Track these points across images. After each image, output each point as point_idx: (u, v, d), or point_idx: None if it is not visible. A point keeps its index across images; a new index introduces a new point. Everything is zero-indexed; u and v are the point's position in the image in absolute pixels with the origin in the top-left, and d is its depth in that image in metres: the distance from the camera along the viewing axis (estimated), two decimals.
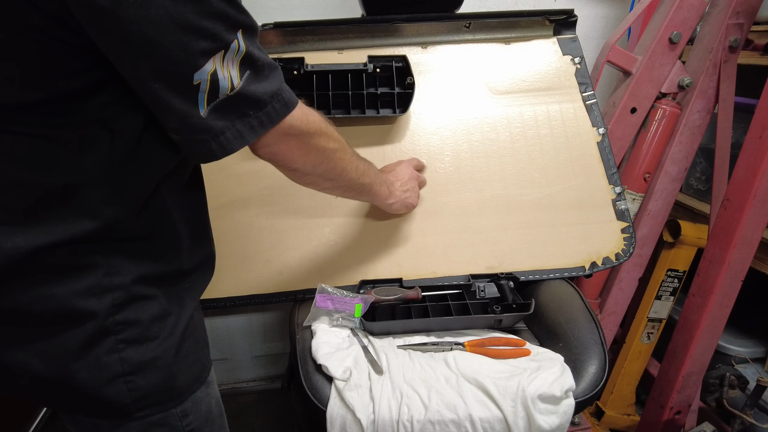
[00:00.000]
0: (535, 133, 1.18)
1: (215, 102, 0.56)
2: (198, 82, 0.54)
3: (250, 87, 0.58)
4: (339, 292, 0.98)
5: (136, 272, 0.62)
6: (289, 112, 0.64)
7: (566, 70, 1.22)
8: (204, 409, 0.73)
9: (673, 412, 1.37)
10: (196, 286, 0.73)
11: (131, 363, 0.63)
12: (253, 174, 1.13)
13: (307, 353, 0.92)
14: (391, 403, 0.83)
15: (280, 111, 0.63)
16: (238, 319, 1.80)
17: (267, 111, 0.61)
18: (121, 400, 0.64)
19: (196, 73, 0.53)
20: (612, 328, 1.52)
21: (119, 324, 0.62)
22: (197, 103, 0.55)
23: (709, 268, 1.23)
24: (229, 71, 0.56)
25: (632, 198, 1.39)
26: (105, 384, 0.62)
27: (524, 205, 1.14)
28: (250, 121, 0.60)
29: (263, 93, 0.60)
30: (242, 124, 0.59)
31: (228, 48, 0.54)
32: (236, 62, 0.56)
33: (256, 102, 0.59)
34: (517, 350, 0.94)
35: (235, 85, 0.56)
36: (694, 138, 1.37)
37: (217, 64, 0.54)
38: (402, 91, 1.15)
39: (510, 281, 1.07)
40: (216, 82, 0.55)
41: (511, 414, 0.81)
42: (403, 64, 1.14)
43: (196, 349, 0.71)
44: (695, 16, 1.28)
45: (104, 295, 0.61)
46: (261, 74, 0.60)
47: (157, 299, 0.65)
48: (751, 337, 1.55)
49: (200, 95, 0.55)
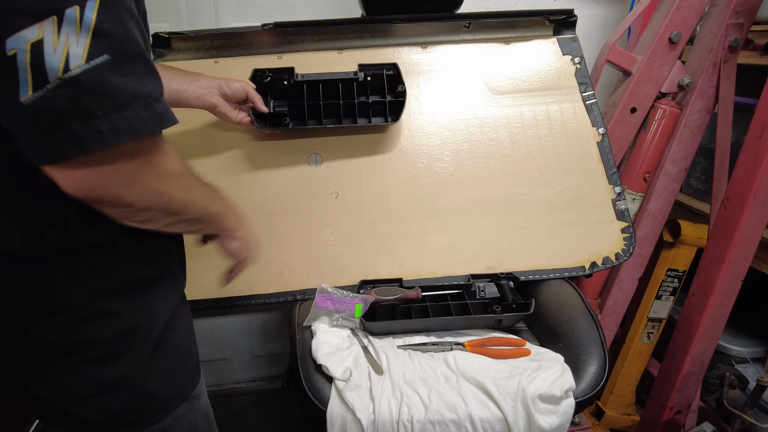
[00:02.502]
0: (535, 133, 1.18)
1: (45, 88, 0.42)
2: (12, 53, 0.41)
3: (101, 76, 0.44)
4: (339, 292, 0.98)
5: (91, 288, 0.57)
6: (159, 129, 0.49)
7: (566, 70, 1.22)
8: (187, 425, 0.68)
9: (673, 412, 1.37)
10: (168, 295, 0.66)
11: (98, 383, 0.59)
12: (252, 174, 1.13)
13: (307, 353, 0.92)
14: (391, 403, 0.83)
15: (148, 122, 0.47)
16: (238, 319, 1.80)
17: (126, 116, 0.45)
18: (91, 420, 0.60)
19: (8, 39, 0.41)
20: (612, 328, 1.52)
21: (80, 343, 0.57)
22: (17, 82, 0.42)
23: (709, 268, 1.23)
24: (67, 47, 0.42)
25: (632, 198, 1.39)
26: (73, 404, 0.59)
27: (524, 205, 1.14)
28: (97, 124, 0.44)
29: (121, 89, 0.45)
30: (85, 125, 0.44)
31: (62, 14, 0.42)
32: (83, 38, 0.43)
33: (108, 97, 0.44)
34: (517, 350, 0.94)
35: (71, 66, 0.42)
36: (694, 138, 1.37)
37: (46, 33, 0.41)
38: (393, 99, 1.12)
39: (510, 281, 1.07)
40: (39, 55, 0.41)
41: (511, 414, 0.81)
42: (393, 71, 1.12)
43: (178, 364, 0.67)
44: (695, 15, 1.28)
45: (57, 315, 0.56)
46: (126, 65, 0.45)
47: (122, 314, 0.59)
48: (751, 337, 1.55)
49: (21, 73, 0.42)
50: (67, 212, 0.54)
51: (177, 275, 0.68)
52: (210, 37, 1.16)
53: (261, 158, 1.14)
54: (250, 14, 1.45)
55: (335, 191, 1.13)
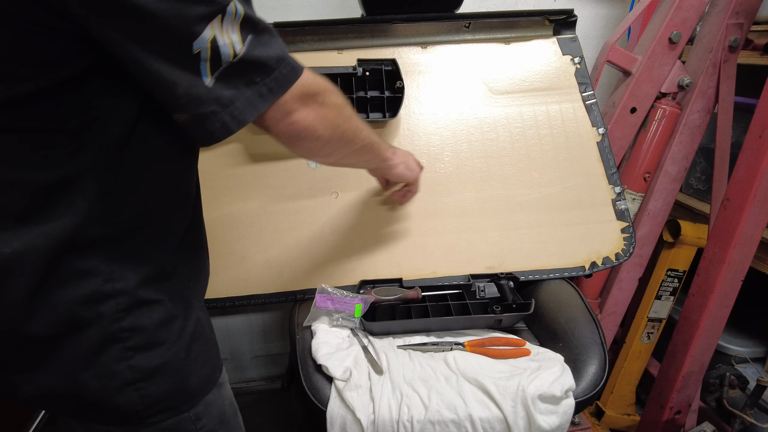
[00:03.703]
0: (535, 133, 1.18)
1: (219, 70, 0.53)
2: (198, 51, 0.51)
3: (255, 52, 0.55)
4: (339, 292, 0.98)
5: (139, 276, 0.60)
6: (298, 77, 0.60)
7: (566, 70, 1.22)
8: (217, 410, 0.71)
9: (673, 412, 1.37)
10: (199, 285, 0.71)
11: (141, 370, 0.61)
12: (252, 174, 1.13)
13: (307, 353, 0.92)
14: (391, 403, 0.83)
15: (289, 76, 0.59)
16: (238, 319, 1.80)
17: (275, 77, 0.57)
18: (133, 408, 0.62)
19: (195, 42, 0.50)
20: (612, 328, 1.52)
21: (125, 331, 0.60)
22: (200, 73, 0.52)
23: (709, 267, 1.23)
24: (230, 37, 0.52)
25: (632, 198, 1.39)
26: (115, 392, 0.61)
27: (524, 205, 1.14)
28: (259, 88, 0.57)
29: (268, 57, 0.56)
30: (251, 91, 0.56)
31: (225, 12, 0.51)
32: (236, 26, 0.53)
33: (262, 67, 0.56)
34: (517, 350, 0.94)
35: (237, 51, 0.53)
36: (693, 138, 1.37)
37: (216, 30, 0.51)
38: (392, 95, 1.13)
39: (510, 281, 1.07)
40: (217, 49, 0.52)
41: (511, 414, 0.81)
42: (392, 67, 1.13)
43: (206, 351, 0.70)
44: (695, 15, 1.28)
45: (107, 301, 0.58)
46: (263, 38, 0.56)
47: (163, 303, 0.63)
48: (751, 337, 1.55)
49: (202, 64, 0.52)
50: (133, 197, 0.59)
51: (207, 269, 0.74)
52: None
53: (260, 155, 1.14)
54: None
55: (335, 191, 1.13)
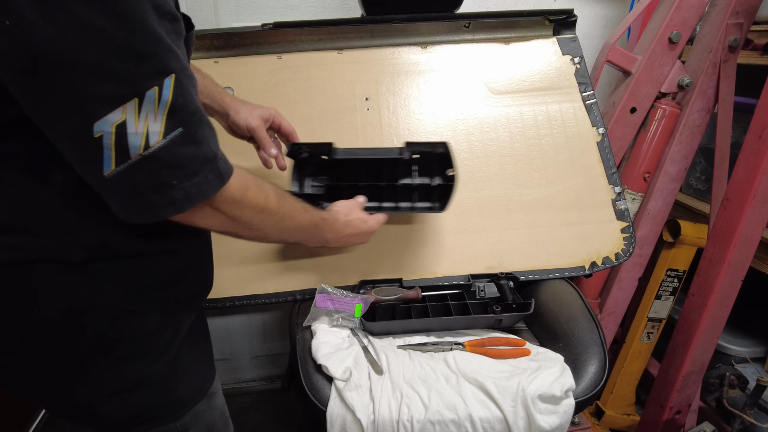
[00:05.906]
0: (534, 133, 1.18)
1: (126, 164, 0.46)
2: (99, 135, 0.44)
3: (176, 149, 0.47)
4: (339, 292, 0.98)
5: (125, 287, 0.59)
6: (223, 184, 0.53)
7: (566, 69, 1.22)
8: (206, 422, 0.70)
9: (673, 412, 1.37)
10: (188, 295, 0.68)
11: (127, 379, 0.61)
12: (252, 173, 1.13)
13: (307, 353, 0.91)
14: (391, 403, 0.82)
15: (213, 182, 0.51)
16: (238, 319, 1.80)
17: (197, 182, 0.50)
18: (116, 416, 0.62)
19: (96, 123, 0.44)
20: (612, 328, 1.52)
21: (113, 340, 0.59)
22: (101, 159, 0.45)
23: (709, 267, 1.23)
24: (147, 126, 0.45)
25: (632, 198, 1.39)
26: (100, 400, 0.61)
27: (524, 205, 1.14)
28: (172, 193, 0.48)
29: (193, 158, 0.49)
30: (160, 195, 0.48)
31: (142, 96, 0.44)
32: (161, 116, 0.45)
33: (182, 169, 0.48)
34: (517, 350, 0.94)
35: (151, 143, 0.45)
36: (693, 138, 1.37)
37: (129, 115, 0.44)
38: (442, 183, 1.03)
39: (510, 281, 1.07)
40: (123, 136, 0.44)
41: (511, 414, 0.81)
42: (444, 150, 1.01)
43: (197, 361, 0.69)
44: (695, 15, 1.28)
45: (94, 310, 0.57)
46: (196, 134, 0.49)
47: (151, 314, 0.62)
48: (751, 337, 1.55)
49: (105, 152, 0.45)
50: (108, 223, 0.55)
51: (204, 279, 0.71)
52: (209, 37, 1.16)
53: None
54: (249, 14, 1.45)
55: None
